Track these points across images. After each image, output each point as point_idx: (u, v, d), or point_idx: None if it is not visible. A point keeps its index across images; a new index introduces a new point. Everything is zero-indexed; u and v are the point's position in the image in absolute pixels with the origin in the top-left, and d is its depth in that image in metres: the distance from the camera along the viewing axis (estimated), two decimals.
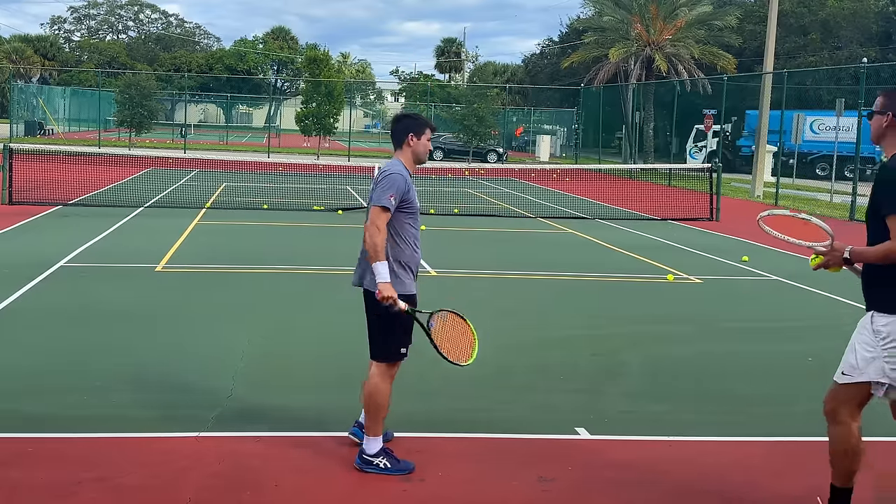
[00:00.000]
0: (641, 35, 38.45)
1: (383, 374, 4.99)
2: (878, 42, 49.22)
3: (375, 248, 4.80)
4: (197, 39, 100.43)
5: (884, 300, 4.19)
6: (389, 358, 5.00)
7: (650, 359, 7.77)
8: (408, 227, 5.00)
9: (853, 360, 4.25)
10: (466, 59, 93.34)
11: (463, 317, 5.08)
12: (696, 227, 18.62)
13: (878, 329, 4.18)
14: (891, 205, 4.13)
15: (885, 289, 4.19)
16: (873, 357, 4.18)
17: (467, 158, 41.45)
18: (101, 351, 7.30)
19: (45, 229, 14.49)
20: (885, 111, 4.31)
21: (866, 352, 4.20)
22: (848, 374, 4.27)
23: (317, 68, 42.13)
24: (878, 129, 4.35)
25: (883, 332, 4.17)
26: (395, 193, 4.85)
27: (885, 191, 4.18)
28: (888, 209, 4.13)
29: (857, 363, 4.23)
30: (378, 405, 4.97)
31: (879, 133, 4.36)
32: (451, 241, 14.99)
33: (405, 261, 4.99)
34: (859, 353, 4.23)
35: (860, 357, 4.22)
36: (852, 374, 4.25)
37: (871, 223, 4.33)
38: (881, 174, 4.27)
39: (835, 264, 4.40)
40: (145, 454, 5.12)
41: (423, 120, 5.16)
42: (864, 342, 4.23)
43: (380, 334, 4.98)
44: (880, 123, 4.33)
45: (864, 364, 4.20)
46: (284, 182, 26.03)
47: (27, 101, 54.18)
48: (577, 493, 4.85)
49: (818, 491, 5.03)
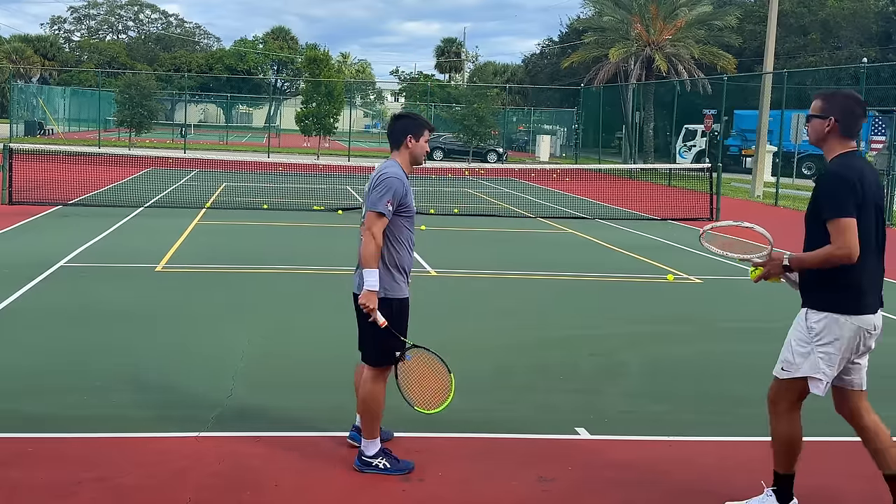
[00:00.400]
0: (641, 35, 38.45)
1: (376, 378, 4.97)
2: (878, 42, 49.21)
3: (369, 255, 4.77)
4: (197, 39, 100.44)
5: (816, 298, 4.31)
6: (381, 362, 4.98)
7: (650, 359, 7.76)
8: (405, 230, 4.96)
9: (789, 356, 4.38)
10: (466, 59, 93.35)
11: (445, 362, 4.95)
12: (697, 227, 18.60)
13: (812, 326, 4.30)
14: (832, 209, 4.20)
15: (818, 287, 4.30)
16: (808, 353, 4.31)
17: (467, 158, 41.46)
18: (101, 351, 7.30)
19: (45, 229, 14.49)
20: (827, 115, 4.36)
21: (801, 348, 4.33)
22: (786, 370, 4.40)
23: (317, 68, 42.13)
24: (819, 132, 4.40)
25: (815, 328, 4.29)
26: (392, 199, 4.80)
27: (826, 195, 4.24)
28: (829, 213, 4.20)
29: (794, 359, 4.36)
30: (373, 409, 4.96)
31: (820, 136, 4.41)
32: (451, 241, 15.00)
33: (402, 264, 4.95)
34: (794, 349, 4.36)
35: (795, 353, 4.35)
36: (790, 369, 4.38)
37: (810, 227, 4.39)
38: (823, 179, 4.33)
39: (775, 274, 4.47)
40: (145, 454, 5.12)
41: (421, 121, 5.09)
42: (798, 339, 4.36)
43: (372, 338, 4.95)
44: (822, 127, 4.38)
45: (800, 360, 4.33)
46: (284, 182, 26.03)
47: (27, 101, 54.17)
48: (577, 493, 4.85)
49: (818, 491, 5.04)
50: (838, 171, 4.27)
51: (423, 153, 5.06)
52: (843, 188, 4.19)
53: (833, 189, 4.22)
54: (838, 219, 4.16)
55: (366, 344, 5.03)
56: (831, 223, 4.18)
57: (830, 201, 4.20)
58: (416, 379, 4.98)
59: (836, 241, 4.16)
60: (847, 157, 4.35)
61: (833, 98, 4.40)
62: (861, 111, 4.38)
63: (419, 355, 4.98)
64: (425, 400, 4.97)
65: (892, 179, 20.51)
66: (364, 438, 5.02)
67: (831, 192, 4.22)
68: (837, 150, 4.37)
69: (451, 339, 7.90)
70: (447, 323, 8.79)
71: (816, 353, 4.30)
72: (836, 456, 5.66)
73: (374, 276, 4.77)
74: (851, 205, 4.17)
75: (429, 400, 4.97)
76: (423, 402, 4.96)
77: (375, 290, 4.78)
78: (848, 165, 4.29)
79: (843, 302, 4.26)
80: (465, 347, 7.74)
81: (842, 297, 4.26)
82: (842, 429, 6.14)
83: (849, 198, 4.17)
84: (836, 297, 4.26)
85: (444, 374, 4.95)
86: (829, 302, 4.27)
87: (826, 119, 4.35)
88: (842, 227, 4.15)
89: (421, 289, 10.34)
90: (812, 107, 4.44)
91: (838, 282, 4.25)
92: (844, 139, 4.37)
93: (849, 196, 4.17)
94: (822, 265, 4.24)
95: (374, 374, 4.98)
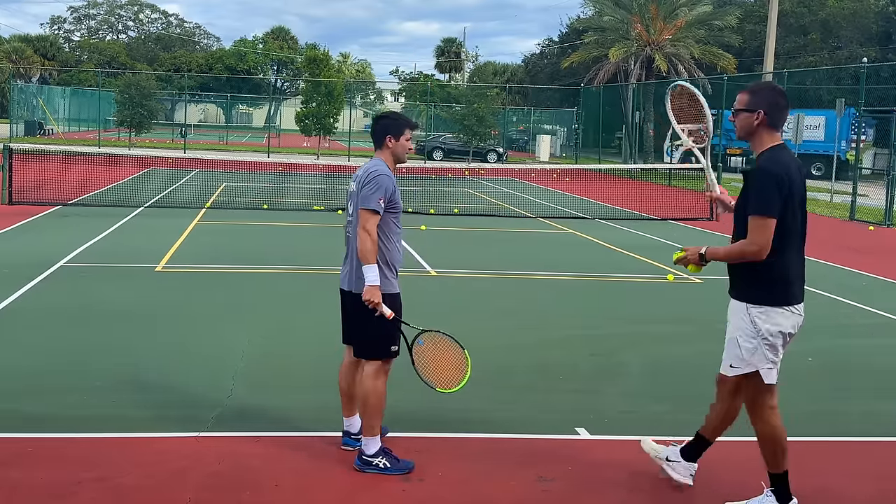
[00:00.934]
0: (641, 35, 38.44)
1: (377, 372, 5.00)
2: (878, 42, 49.21)
3: (367, 252, 4.83)
4: (197, 39, 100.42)
5: (755, 294, 4.40)
6: (381, 355, 5.00)
7: (650, 359, 7.77)
8: (394, 226, 5.04)
9: (738, 352, 4.47)
10: (466, 59, 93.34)
11: (457, 340, 5.02)
12: (696, 227, 18.62)
13: (755, 320, 4.40)
14: (756, 206, 4.29)
15: (755, 283, 4.39)
16: (755, 347, 4.42)
17: (467, 158, 41.45)
18: (101, 351, 7.30)
19: (45, 229, 14.49)
20: (755, 108, 4.43)
21: (748, 343, 4.43)
22: (736, 366, 4.49)
23: (317, 68, 42.11)
24: (748, 126, 4.47)
25: (759, 322, 4.39)
26: (383, 196, 4.89)
27: (755, 191, 4.33)
28: (753, 209, 4.30)
29: (743, 355, 4.45)
30: (375, 405, 4.97)
31: (748, 130, 4.48)
32: (451, 241, 15.00)
33: (392, 260, 5.02)
34: (742, 345, 4.45)
35: (743, 349, 4.45)
36: (740, 365, 4.48)
37: (739, 220, 4.47)
38: (753, 174, 4.40)
39: (693, 261, 4.59)
40: (145, 454, 5.12)
41: (402, 120, 5.17)
42: (744, 335, 4.45)
43: (371, 332, 4.98)
44: (750, 121, 4.46)
45: (749, 355, 4.44)
46: (284, 182, 26.03)
47: (27, 101, 54.14)
48: (576, 493, 4.85)
49: (818, 491, 5.04)
50: (768, 167, 4.35)
51: (404, 152, 5.14)
52: (772, 185, 4.28)
53: (762, 186, 4.30)
54: (761, 216, 4.27)
55: (365, 338, 5.05)
56: (753, 218, 4.29)
57: (758, 197, 4.30)
58: (432, 361, 5.03)
59: (751, 236, 4.29)
60: (776, 150, 4.43)
61: (759, 91, 4.48)
62: (785, 103, 4.48)
63: (431, 338, 5.03)
64: (445, 380, 5.01)
65: (892, 180, 20.49)
66: (364, 437, 5.03)
67: (760, 188, 4.30)
68: (767, 143, 4.45)
69: None
70: (447, 323, 8.72)
71: (763, 345, 4.41)
72: (837, 456, 5.66)
73: (374, 271, 4.84)
74: (777, 204, 4.27)
75: (448, 379, 5.01)
76: (444, 382, 5.00)
77: (376, 284, 4.84)
78: (777, 160, 4.37)
79: (778, 295, 4.40)
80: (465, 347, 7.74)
81: (776, 290, 4.40)
82: (842, 429, 6.15)
83: (775, 196, 4.27)
84: (771, 290, 4.39)
85: (458, 351, 5.00)
86: (767, 296, 4.39)
87: (755, 112, 4.42)
88: (761, 224, 4.27)
89: (421, 289, 10.36)
90: (738, 101, 4.51)
91: (772, 276, 4.37)
92: (773, 131, 4.46)
93: (776, 194, 4.27)
94: (737, 259, 4.39)
95: (375, 368, 5.00)
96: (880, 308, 10.34)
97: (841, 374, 7.54)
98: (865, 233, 18.99)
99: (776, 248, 4.30)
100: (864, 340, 8.93)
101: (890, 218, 20.45)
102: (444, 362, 5.02)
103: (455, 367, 5.01)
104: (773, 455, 4.58)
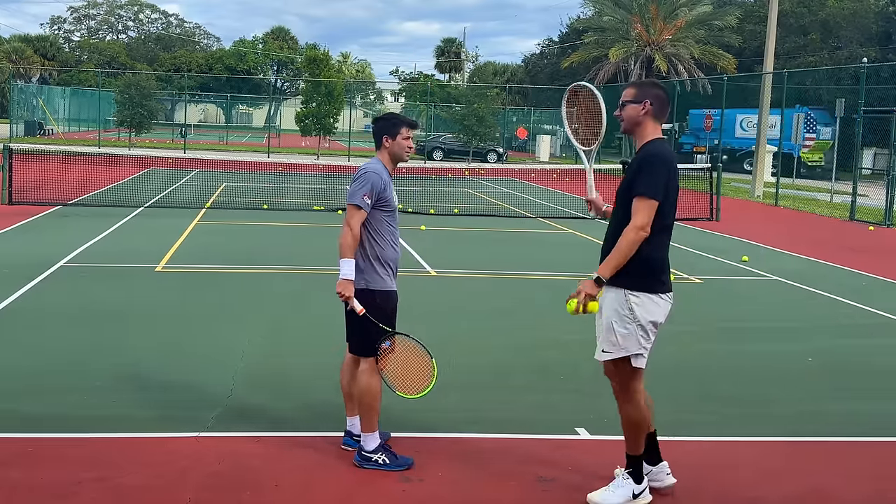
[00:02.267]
0: (641, 35, 38.48)
1: (372, 369, 5.03)
2: (878, 42, 49.19)
3: (345, 246, 4.91)
4: (197, 39, 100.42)
5: (633, 281, 4.50)
6: (370, 352, 5.02)
7: (650, 359, 7.74)
8: (386, 224, 5.07)
9: (613, 338, 4.56)
10: (466, 59, 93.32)
11: (426, 348, 5.01)
12: (696, 227, 18.61)
13: (632, 307, 4.50)
14: (644, 187, 4.41)
15: (633, 271, 4.48)
16: (630, 332, 4.52)
17: (467, 158, 41.45)
18: (101, 351, 7.30)
19: (45, 229, 14.49)
20: (642, 100, 4.58)
21: (623, 329, 4.53)
22: (608, 350, 4.60)
23: (317, 68, 42.12)
24: (635, 116, 4.60)
25: (636, 308, 4.50)
26: (368, 192, 4.94)
27: (645, 173, 4.44)
28: (641, 190, 4.42)
29: (618, 340, 4.55)
30: (370, 401, 5.01)
31: (635, 121, 4.61)
32: (451, 241, 15.00)
33: (384, 258, 5.05)
34: (617, 331, 4.54)
35: (619, 335, 4.54)
36: (613, 350, 4.58)
37: (620, 211, 4.56)
38: (643, 157, 4.52)
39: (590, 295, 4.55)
40: (145, 454, 5.12)
41: (398, 120, 5.22)
42: (620, 321, 4.54)
43: (365, 330, 5.00)
44: (637, 112, 4.60)
45: (623, 340, 4.54)
46: (284, 182, 26.03)
47: (27, 101, 54.14)
48: (576, 493, 4.85)
49: (819, 491, 5.04)
50: (658, 152, 4.52)
51: (402, 151, 5.18)
52: (661, 171, 4.45)
53: (651, 170, 4.44)
54: (647, 198, 4.40)
55: (355, 335, 5.09)
56: (640, 199, 4.41)
57: (646, 180, 4.42)
58: (398, 364, 5.05)
59: (635, 217, 4.40)
60: (662, 142, 4.62)
61: (644, 86, 4.69)
62: (667, 98, 4.66)
63: (400, 342, 5.06)
64: (407, 384, 5.03)
65: (892, 179, 20.49)
66: (363, 433, 5.06)
67: (649, 172, 4.44)
68: (651, 134, 4.60)
69: (450, 338, 7.90)
70: (447, 322, 8.79)
71: (638, 331, 4.52)
72: (837, 456, 5.66)
73: (349, 265, 4.90)
74: (662, 189, 4.43)
75: (411, 384, 5.02)
76: (405, 386, 5.03)
77: (349, 279, 4.90)
78: (665, 150, 4.57)
79: (655, 283, 4.53)
80: (464, 347, 7.75)
81: (653, 278, 4.53)
82: (842, 429, 6.15)
83: (662, 181, 4.43)
84: (648, 278, 4.51)
85: (425, 359, 5.01)
86: (644, 283, 4.51)
87: (642, 103, 4.58)
88: (647, 205, 4.40)
89: (421, 289, 10.36)
90: (625, 94, 4.65)
91: (649, 264, 4.49)
92: (656, 123, 4.61)
93: (662, 179, 4.43)
94: (627, 253, 4.43)
95: (369, 365, 5.03)
96: (880, 308, 10.34)
97: (841, 374, 7.54)
98: (865, 233, 18.99)
99: (654, 237, 4.44)
100: (864, 340, 8.93)
101: (890, 218, 20.44)
102: (410, 367, 5.04)
103: (420, 374, 5.01)
104: (635, 438, 4.70)
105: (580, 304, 4.52)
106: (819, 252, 15.14)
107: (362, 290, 4.97)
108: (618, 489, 4.69)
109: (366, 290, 4.98)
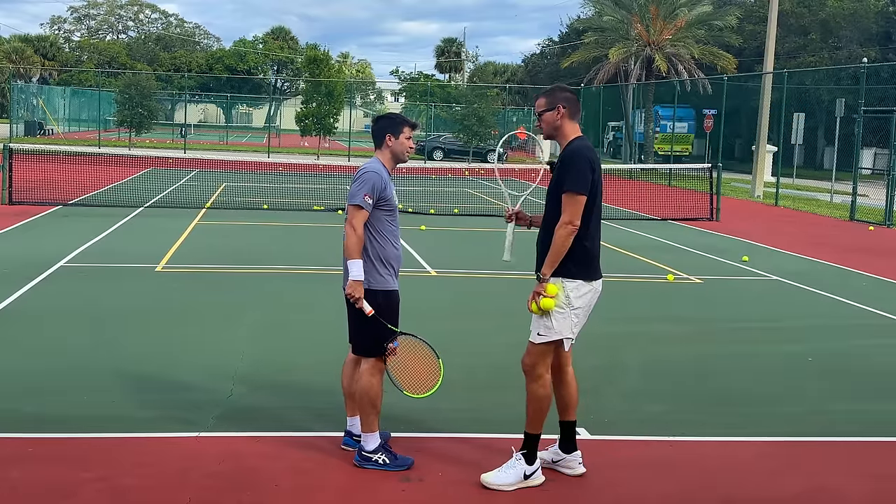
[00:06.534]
0: (641, 35, 38.41)
1: (373, 369, 5.02)
2: (878, 42, 49.18)
3: (351, 247, 4.92)
4: (197, 39, 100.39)
5: (569, 269, 4.74)
6: (375, 352, 5.02)
7: (650, 359, 7.76)
8: (387, 224, 5.08)
9: (547, 322, 4.75)
10: (466, 59, 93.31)
11: (434, 349, 5.04)
12: (696, 227, 18.61)
13: (569, 294, 4.73)
14: (572, 183, 4.66)
15: (568, 259, 4.72)
16: (565, 317, 4.74)
17: (467, 158, 41.44)
18: (101, 351, 7.30)
19: (45, 229, 14.49)
20: (555, 105, 4.84)
21: (559, 313, 4.73)
22: (543, 334, 4.78)
23: (317, 68, 42.14)
24: (552, 122, 4.87)
25: (571, 295, 4.73)
26: (369, 192, 4.95)
27: (572, 170, 4.68)
28: (569, 186, 4.66)
29: (553, 325, 4.75)
30: (371, 401, 5.00)
31: (554, 126, 4.88)
32: (451, 241, 15.00)
33: (385, 257, 5.06)
34: (553, 315, 4.73)
35: (555, 320, 4.74)
36: (548, 333, 4.77)
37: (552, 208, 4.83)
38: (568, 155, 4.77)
39: (538, 294, 4.78)
40: (145, 454, 5.12)
41: (400, 119, 5.25)
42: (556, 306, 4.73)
43: (364, 329, 5.00)
44: (553, 118, 4.86)
45: (558, 325, 4.75)
46: (284, 182, 26.04)
47: (27, 101, 54.14)
48: (576, 493, 4.85)
49: (819, 491, 5.04)
50: (581, 149, 4.75)
51: (403, 150, 5.20)
52: (586, 166, 4.69)
53: (577, 166, 4.69)
54: (575, 194, 4.66)
55: (359, 335, 5.08)
56: (568, 195, 4.67)
57: (573, 176, 4.67)
58: (405, 364, 5.06)
59: (566, 211, 4.67)
60: (583, 140, 4.84)
61: (552, 92, 4.92)
62: (575, 97, 4.92)
63: (407, 342, 5.06)
64: (414, 384, 5.04)
65: (892, 179, 20.48)
66: (363, 433, 5.06)
67: (576, 168, 4.69)
68: (571, 133, 4.85)
69: (451, 338, 7.90)
70: (447, 322, 8.78)
71: (571, 316, 4.75)
72: (837, 456, 5.66)
73: (357, 266, 4.91)
74: (587, 182, 4.67)
75: (417, 384, 5.04)
76: (412, 386, 5.04)
77: (360, 279, 4.91)
78: (587, 147, 4.79)
79: (587, 270, 4.78)
80: (465, 347, 7.75)
81: (586, 266, 4.78)
82: (843, 428, 6.15)
83: (587, 176, 4.68)
84: (582, 266, 4.76)
85: (432, 358, 5.02)
86: (579, 271, 4.75)
87: (555, 109, 4.84)
88: (575, 200, 4.66)
89: (421, 289, 10.36)
90: (538, 105, 4.93)
91: (584, 254, 4.75)
92: (573, 123, 4.88)
93: (587, 174, 4.68)
94: (563, 248, 4.69)
95: (371, 366, 5.02)
96: (880, 308, 10.34)
97: (841, 374, 7.54)
98: (865, 233, 18.99)
99: (585, 228, 4.70)
100: (865, 340, 8.92)
101: (890, 218, 20.44)
102: (417, 367, 5.06)
103: (427, 374, 5.04)
104: (537, 415, 4.84)
105: (534, 302, 4.76)
106: (819, 252, 15.14)
107: (365, 291, 4.96)
108: (510, 469, 4.82)
109: (368, 290, 4.97)
